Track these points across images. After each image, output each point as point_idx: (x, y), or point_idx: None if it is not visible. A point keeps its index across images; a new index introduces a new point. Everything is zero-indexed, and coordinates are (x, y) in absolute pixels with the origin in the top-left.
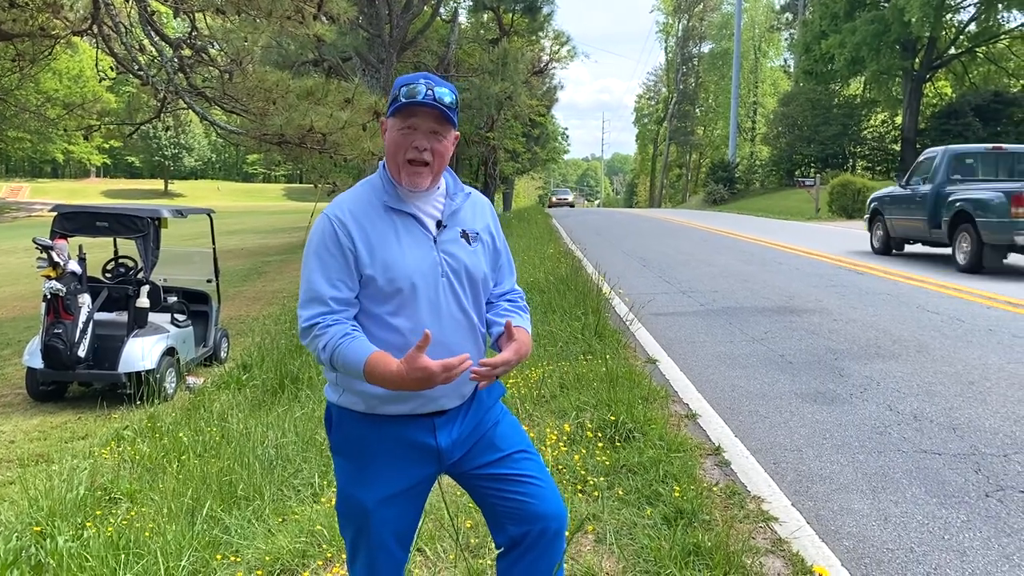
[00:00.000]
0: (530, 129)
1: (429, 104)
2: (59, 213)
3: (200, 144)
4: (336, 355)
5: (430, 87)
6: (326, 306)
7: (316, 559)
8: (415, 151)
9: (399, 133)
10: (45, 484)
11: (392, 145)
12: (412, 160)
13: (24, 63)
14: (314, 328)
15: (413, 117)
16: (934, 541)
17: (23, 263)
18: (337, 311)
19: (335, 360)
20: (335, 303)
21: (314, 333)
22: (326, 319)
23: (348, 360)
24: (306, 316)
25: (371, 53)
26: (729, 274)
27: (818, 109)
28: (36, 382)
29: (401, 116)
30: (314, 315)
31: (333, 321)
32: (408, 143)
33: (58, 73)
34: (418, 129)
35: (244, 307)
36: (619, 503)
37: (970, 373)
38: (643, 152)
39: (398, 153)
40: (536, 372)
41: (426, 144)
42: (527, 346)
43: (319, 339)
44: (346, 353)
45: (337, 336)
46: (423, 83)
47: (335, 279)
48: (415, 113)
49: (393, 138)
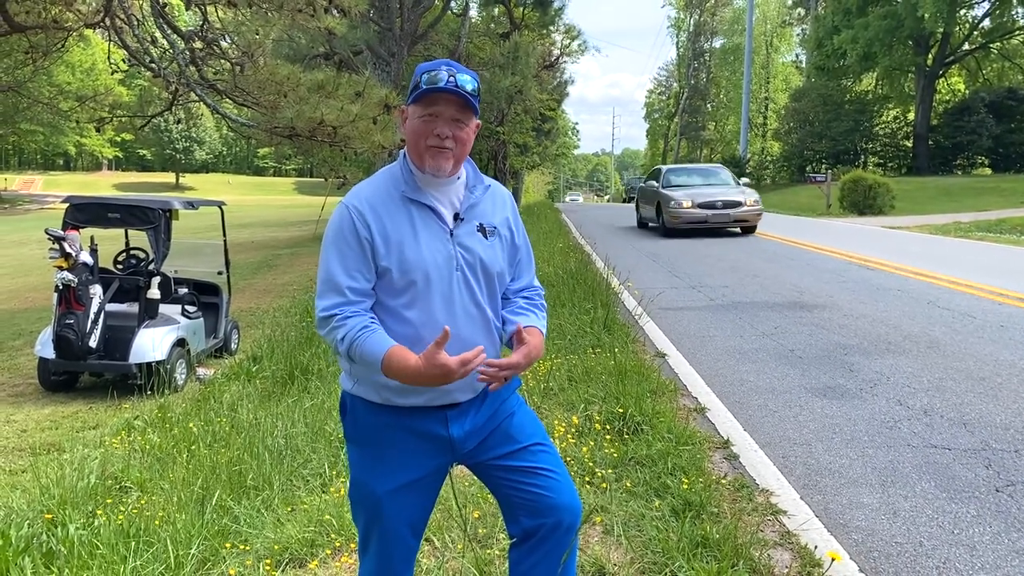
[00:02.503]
0: (540, 123)
1: (451, 91)
2: (71, 204)
3: (211, 137)
4: (354, 348)
5: (452, 74)
6: (343, 296)
7: (325, 548)
8: (436, 139)
9: (420, 120)
10: (56, 473)
11: (413, 133)
12: (434, 145)
13: (37, 55)
14: (332, 319)
15: (435, 105)
16: (943, 535)
17: (35, 254)
18: (355, 302)
19: (353, 352)
20: (353, 293)
21: (332, 324)
22: (344, 310)
23: (367, 353)
24: (324, 306)
25: (382, 47)
26: (739, 269)
27: (830, 105)
28: (48, 372)
29: (423, 103)
30: (332, 305)
31: (352, 312)
32: (430, 130)
33: (71, 66)
34: (440, 116)
35: (254, 299)
36: (627, 495)
37: (981, 369)
38: (653, 147)
39: (419, 140)
40: (545, 365)
41: (448, 131)
42: (538, 349)
43: (337, 330)
44: (365, 346)
45: (356, 328)
46: (445, 70)
47: (353, 269)
48: (437, 100)
49: (414, 125)
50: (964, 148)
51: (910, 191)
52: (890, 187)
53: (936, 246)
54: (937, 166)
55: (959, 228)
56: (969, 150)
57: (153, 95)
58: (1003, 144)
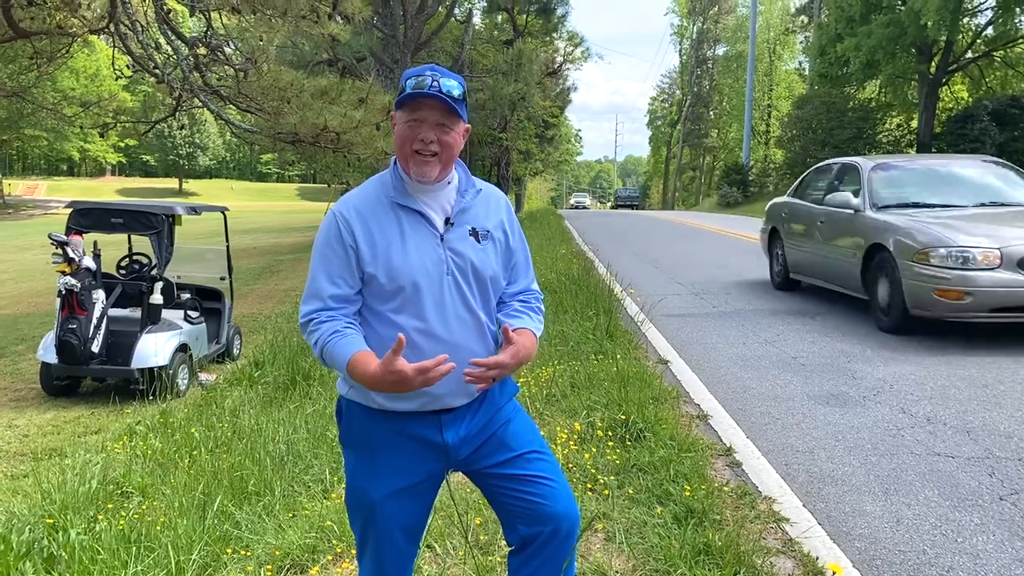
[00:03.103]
0: (543, 130)
1: (435, 96)
2: (74, 209)
3: (215, 143)
4: (325, 351)
5: (436, 79)
6: (323, 302)
7: (326, 554)
8: (421, 143)
9: (406, 125)
10: (58, 477)
11: (399, 138)
12: (419, 151)
13: (42, 61)
14: (310, 324)
15: (420, 110)
16: (947, 544)
17: (38, 259)
18: (334, 308)
19: (325, 356)
20: (333, 300)
21: (309, 328)
22: (321, 315)
23: (335, 357)
24: (304, 311)
25: (385, 53)
26: (741, 276)
27: (833, 112)
28: (50, 377)
29: (408, 108)
30: (311, 311)
31: (328, 317)
32: (414, 135)
33: (75, 71)
34: (425, 121)
35: (256, 305)
36: (629, 502)
37: (984, 377)
38: (656, 154)
39: (405, 145)
40: (547, 371)
41: (432, 136)
42: (527, 349)
43: (313, 334)
44: (333, 350)
45: (327, 333)
46: (429, 75)
47: (336, 276)
48: (421, 105)
49: (400, 131)
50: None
51: None
52: None
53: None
54: None
55: None
56: None
57: (157, 101)
58: (1006, 152)
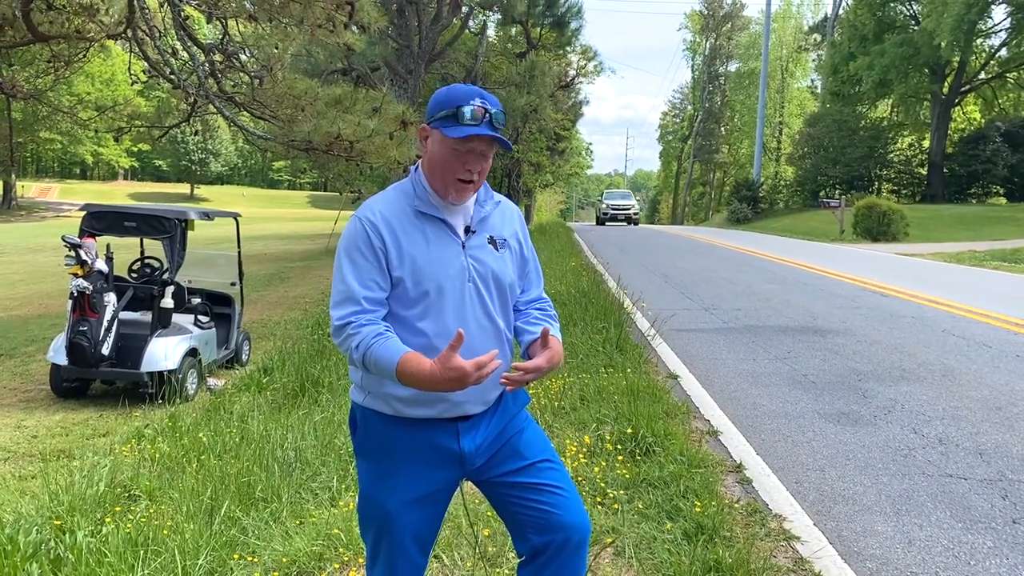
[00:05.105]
0: (555, 143)
1: (495, 137)
2: (88, 212)
3: (227, 149)
4: (368, 354)
5: (488, 112)
6: (359, 305)
7: (333, 562)
8: (468, 173)
9: (452, 152)
10: (66, 479)
11: (442, 161)
12: (462, 179)
13: (59, 65)
14: (347, 327)
15: (472, 142)
16: (959, 567)
17: (50, 261)
18: (370, 311)
19: (367, 359)
20: (368, 303)
21: (347, 332)
22: (359, 318)
23: (381, 359)
24: (339, 315)
25: (400, 63)
26: (752, 292)
27: (844, 131)
28: (60, 378)
29: (461, 140)
30: (347, 314)
31: (367, 321)
32: (461, 164)
33: (91, 76)
34: (474, 151)
35: (266, 311)
36: (639, 517)
37: (997, 399)
38: (667, 169)
39: (447, 172)
40: (557, 384)
41: (479, 167)
42: (559, 355)
43: (352, 338)
44: (379, 353)
45: (370, 336)
46: (480, 105)
47: (367, 279)
48: (474, 139)
49: (443, 155)
50: (979, 177)
51: (924, 219)
52: (904, 214)
53: (951, 274)
54: (952, 194)
55: (974, 256)
56: (984, 179)
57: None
58: (1018, 174)
